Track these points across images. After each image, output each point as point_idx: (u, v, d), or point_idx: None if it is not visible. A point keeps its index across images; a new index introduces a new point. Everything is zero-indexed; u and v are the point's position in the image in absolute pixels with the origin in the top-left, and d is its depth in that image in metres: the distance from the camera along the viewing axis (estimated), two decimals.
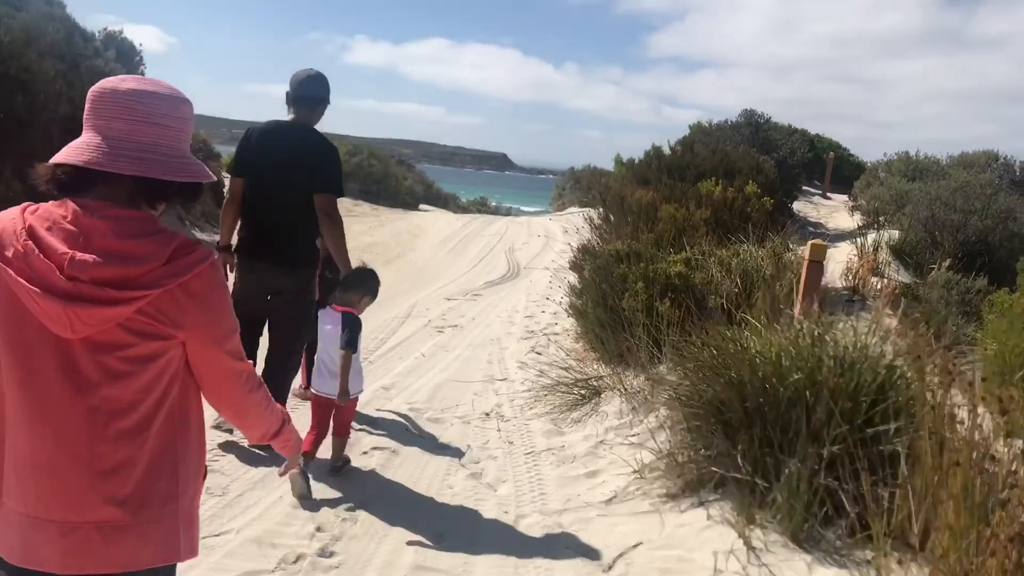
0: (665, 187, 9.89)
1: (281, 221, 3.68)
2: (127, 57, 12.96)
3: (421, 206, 27.28)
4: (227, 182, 4.53)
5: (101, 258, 1.27)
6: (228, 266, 3.78)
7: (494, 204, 40.87)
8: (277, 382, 3.62)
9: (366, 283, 3.66)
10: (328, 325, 3.57)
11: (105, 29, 13.18)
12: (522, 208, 50.14)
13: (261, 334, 3.89)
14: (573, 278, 7.16)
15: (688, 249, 6.17)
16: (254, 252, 3.76)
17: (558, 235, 15.66)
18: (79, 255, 1.27)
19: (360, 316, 3.62)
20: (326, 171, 3.71)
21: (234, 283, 3.75)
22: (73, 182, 1.33)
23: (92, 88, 1.37)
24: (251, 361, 2.17)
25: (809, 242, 4.72)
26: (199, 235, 10.20)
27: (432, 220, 17.76)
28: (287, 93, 3.77)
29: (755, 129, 15.57)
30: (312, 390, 3.73)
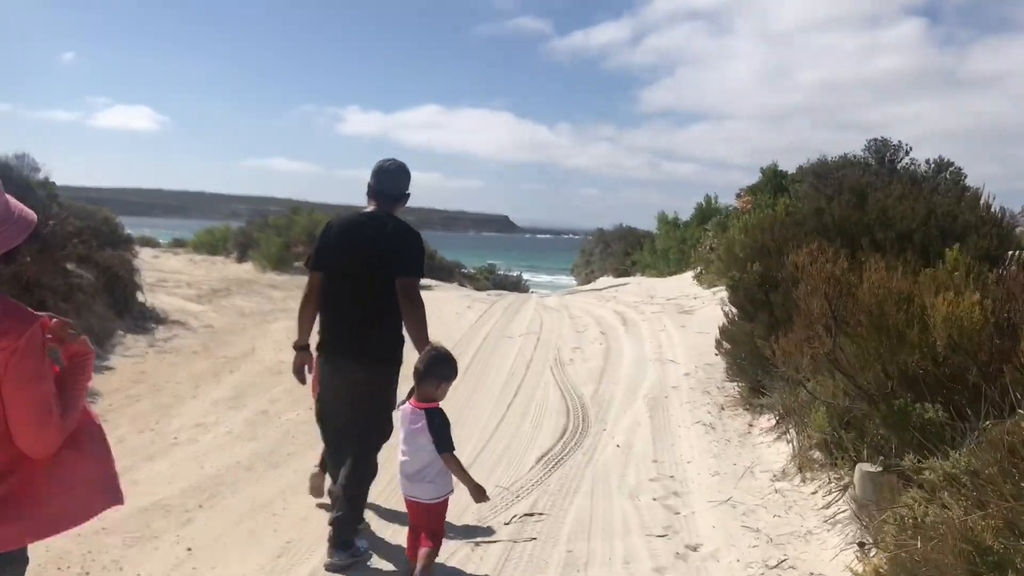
0: (880, 258, 5.08)
1: (364, 313, 3.62)
2: None
3: (424, 281, 22.75)
4: None
5: None
6: (307, 365, 3.82)
7: (503, 272, 36.52)
8: (352, 483, 3.59)
9: (442, 369, 3.32)
10: (409, 425, 3.29)
11: None
12: (536, 277, 45.73)
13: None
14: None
15: None
16: (336, 348, 3.68)
17: (618, 328, 10.78)
18: None
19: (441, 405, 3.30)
20: (407, 254, 3.65)
21: (318, 385, 3.78)
22: None
23: None
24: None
25: None
26: None
27: (436, 308, 12.93)
28: (368, 184, 3.77)
29: (889, 166, 10.90)
30: (403, 493, 3.39)
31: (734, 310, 7.13)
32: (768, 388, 6.31)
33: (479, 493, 3.27)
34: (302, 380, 3.94)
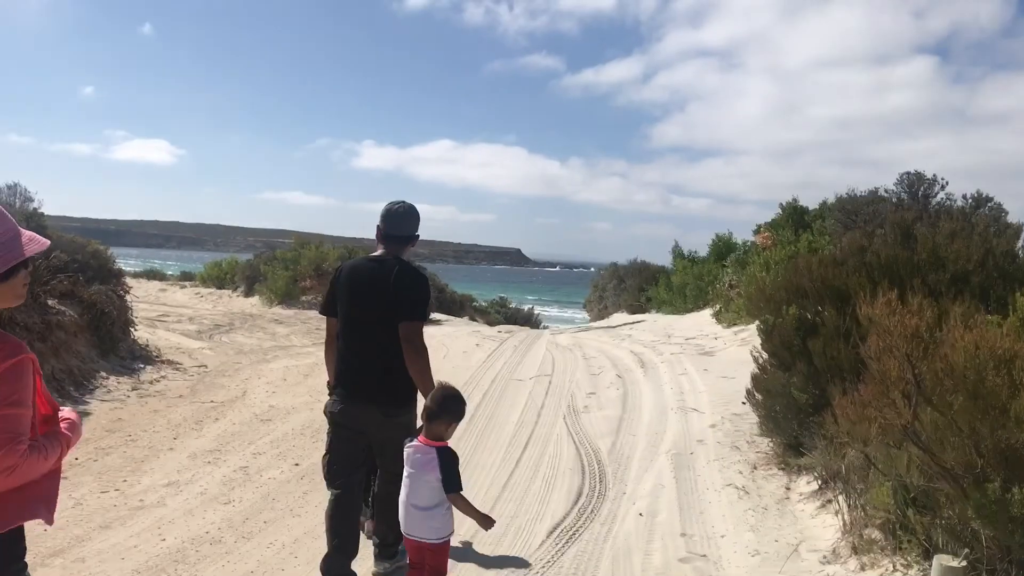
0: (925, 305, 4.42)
1: (374, 358, 3.61)
2: None
3: (434, 315, 22.27)
4: None
5: None
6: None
7: (514, 306, 35.96)
8: (392, 514, 3.46)
9: (451, 408, 3.30)
10: (417, 461, 3.25)
11: None
12: (548, 311, 45.06)
13: (362, 475, 3.79)
14: None
15: None
16: (349, 391, 3.67)
17: (635, 371, 10.12)
18: None
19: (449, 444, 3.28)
20: (410, 298, 3.61)
21: (330, 426, 3.73)
22: None
23: None
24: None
25: None
26: None
27: (444, 345, 12.31)
28: (377, 227, 3.77)
29: (923, 201, 10.25)
30: (404, 532, 3.32)
31: (764, 355, 6.47)
32: (807, 446, 5.63)
33: (486, 521, 3.29)
34: None
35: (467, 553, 4.34)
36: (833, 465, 5.11)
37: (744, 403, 7.88)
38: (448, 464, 3.21)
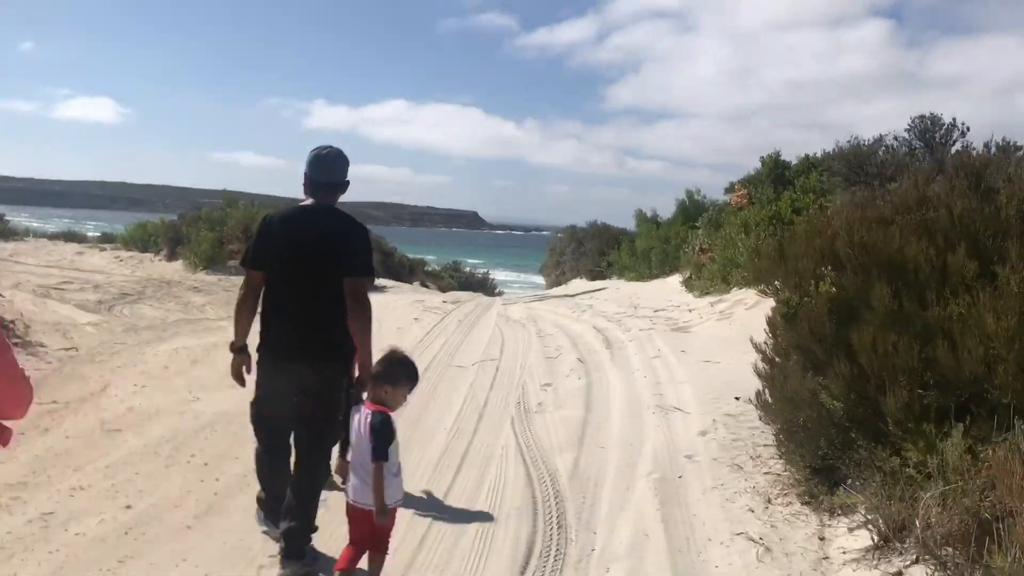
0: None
1: (310, 312, 3.46)
2: None
3: (379, 281, 20.48)
4: None
5: None
6: (245, 367, 3.65)
7: (468, 269, 34.39)
8: (305, 489, 3.46)
9: (396, 373, 3.19)
10: (358, 425, 3.14)
11: None
12: (504, 275, 43.40)
13: (290, 438, 3.59)
14: None
15: None
16: (279, 350, 3.49)
17: (599, 352, 8.48)
18: None
19: (393, 413, 3.15)
20: (356, 252, 3.49)
21: (256, 386, 3.61)
22: None
23: None
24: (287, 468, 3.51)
25: None
26: None
27: (378, 319, 10.51)
28: (304, 174, 3.59)
29: (937, 150, 8.71)
30: (348, 498, 3.20)
31: (774, 344, 4.85)
32: (849, 475, 4.05)
33: (382, 515, 3.05)
34: (242, 383, 3.67)
35: None
36: (897, 513, 3.53)
37: (738, 399, 6.33)
38: (379, 429, 3.06)
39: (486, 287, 30.51)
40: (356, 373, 3.47)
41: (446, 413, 6.11)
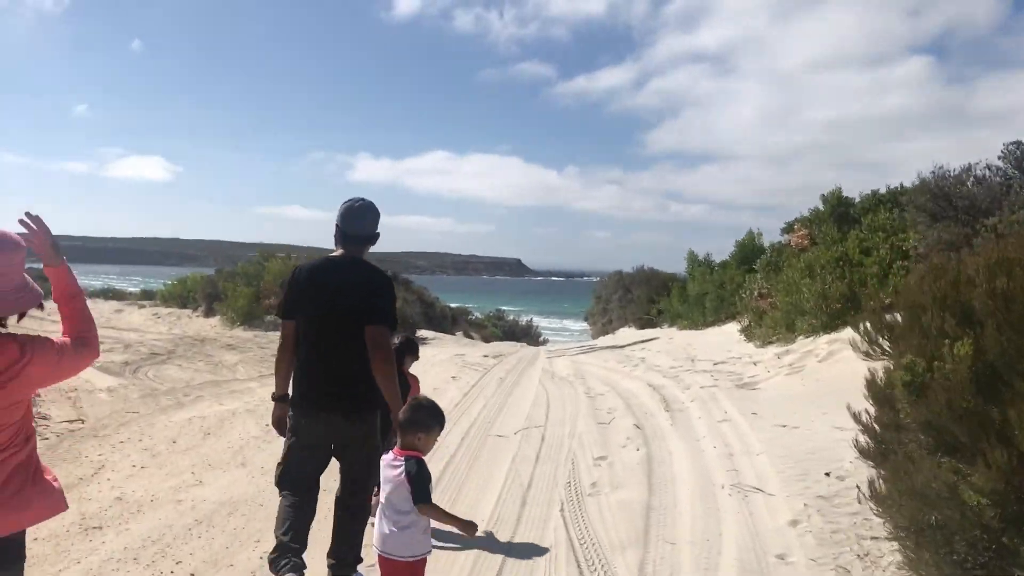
0: None
1: (339, 363, 3.49)
2: None
3: (420, 332, 19.79)
4: None
5: None
6: (287, 417, 3.63)
7: (511, 317, 33.72)
8: (350, 533, 3.59)
9: (426, 420, 3.09)
10: (391, 471, 3.05)
11: None
12: (548, 323, 42.48)
13: (316, 491, 3.57)
14: None
15: None
16: (314, 400, 3.51)
17: (657, 415, 7.52)
18: None
19: (425, 457, 3.08)
20: (378, 302, 3.51)
21: (289, 432, 3.58)
22: None
23: None
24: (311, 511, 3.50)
25: None
26: None
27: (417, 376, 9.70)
28: (336, 226, 3.64)
29: None
30: (375, 549, 3.08)
31: (889, 419, 3.88)
32: None
33: (469, 528, 3.01)
34: (282, 432, 3.64)
35: None
36: None
37: (828, 475, 5.34)
38: (416, 473, 2.98)
39: (530, 335, 29.63)
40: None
41: (483, 497, 5.20)
